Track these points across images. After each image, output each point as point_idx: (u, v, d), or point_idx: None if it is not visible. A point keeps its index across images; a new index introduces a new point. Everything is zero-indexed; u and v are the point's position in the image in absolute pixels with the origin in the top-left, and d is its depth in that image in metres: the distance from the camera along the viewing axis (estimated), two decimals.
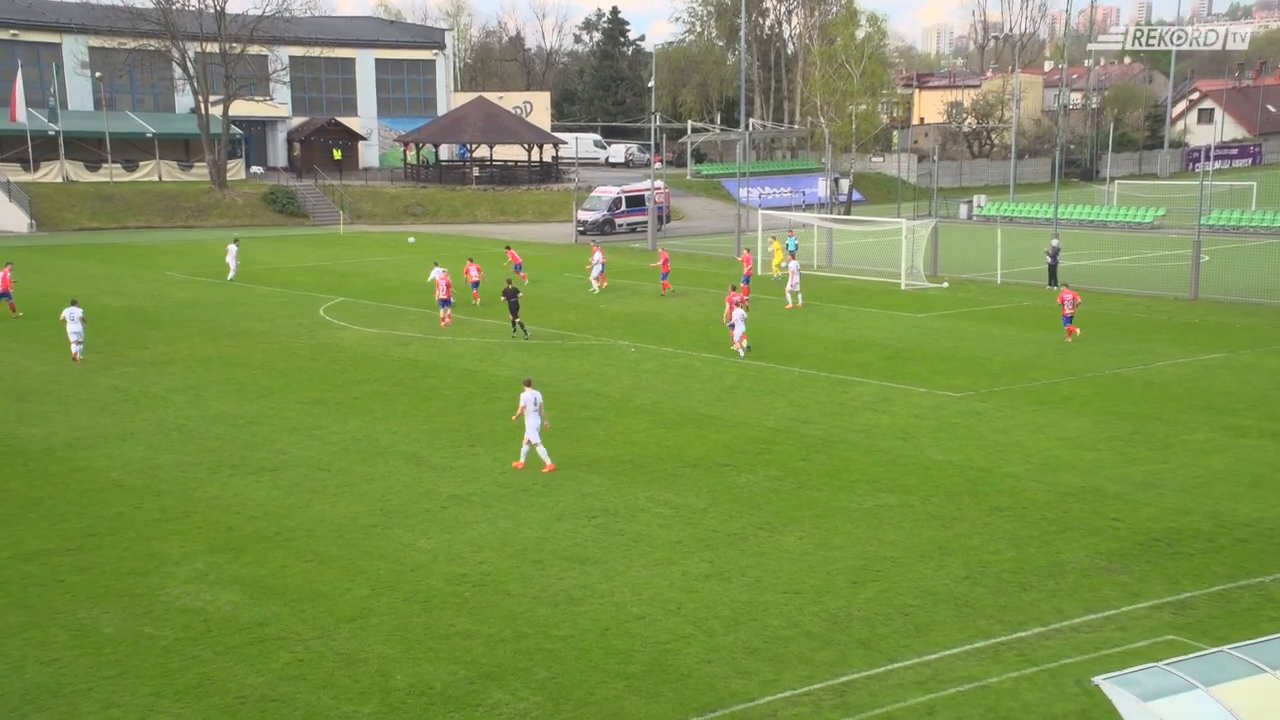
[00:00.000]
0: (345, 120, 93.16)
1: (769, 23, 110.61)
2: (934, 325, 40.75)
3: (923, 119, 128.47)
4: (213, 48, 77.27)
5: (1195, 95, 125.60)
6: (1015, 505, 21.98)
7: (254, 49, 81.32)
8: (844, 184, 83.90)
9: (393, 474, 24.08)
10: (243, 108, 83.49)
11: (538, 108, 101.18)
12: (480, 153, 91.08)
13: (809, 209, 74.86)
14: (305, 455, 25.38)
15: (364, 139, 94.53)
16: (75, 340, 34.92)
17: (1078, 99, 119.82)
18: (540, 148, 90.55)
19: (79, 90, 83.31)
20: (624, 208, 72.13)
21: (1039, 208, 76.94)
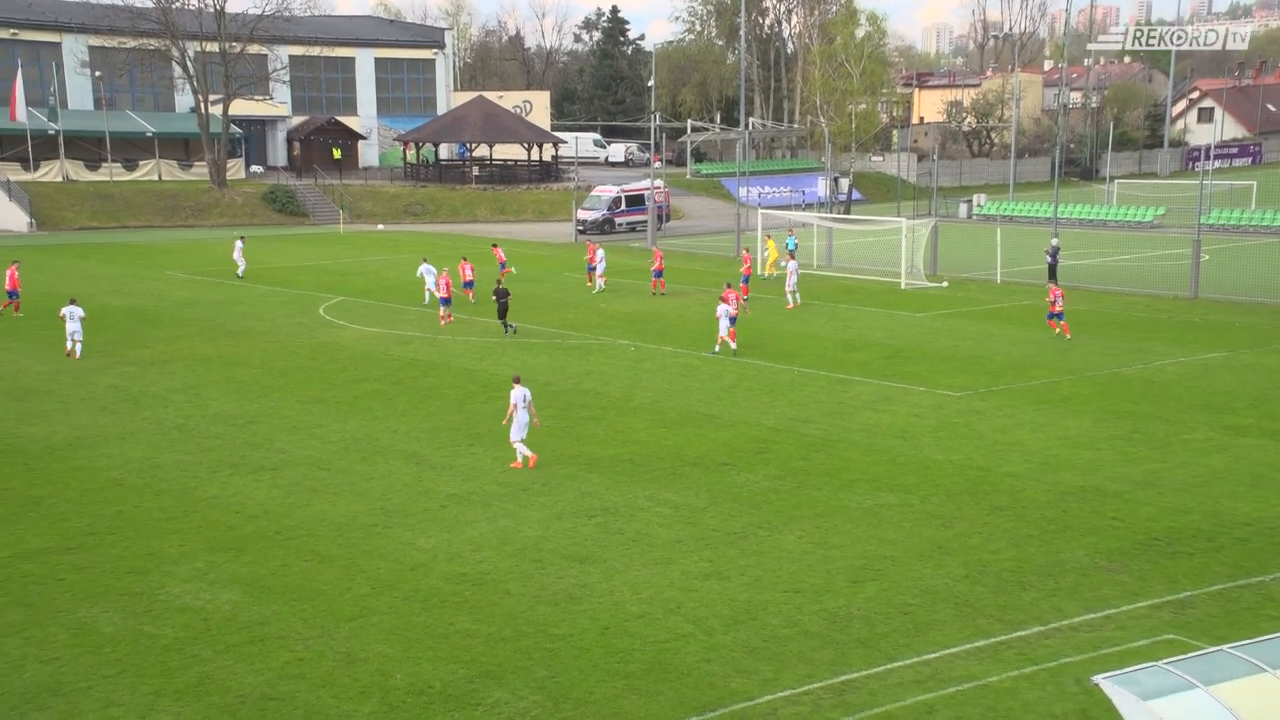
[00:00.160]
0: (345, 119, 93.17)
1: (769, 22, 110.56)
2: (934, 324, 40.75)
3: (922, 118, 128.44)
4: (212, 47, 77.28)
5: (1195, 94, 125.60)
6: (1015, 504, 21.98)
7: (254, 48, 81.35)
8: (844, 183, 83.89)
9: (392, 473, 24.09)
10: (242, 107, 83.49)
11: (537, 107, 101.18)
12: (480, 152, 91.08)
13: (809, 208, 74.87)
14: (305, 454, 25.39)
15: (364, 138, 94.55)
16: (73, 338, 35.14)
17: (1077, 98, 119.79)
18: (540, 147, 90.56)
19: (79, 89, 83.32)
20: (624, 207, 72.13)
21: (1039, 207, 76.94)
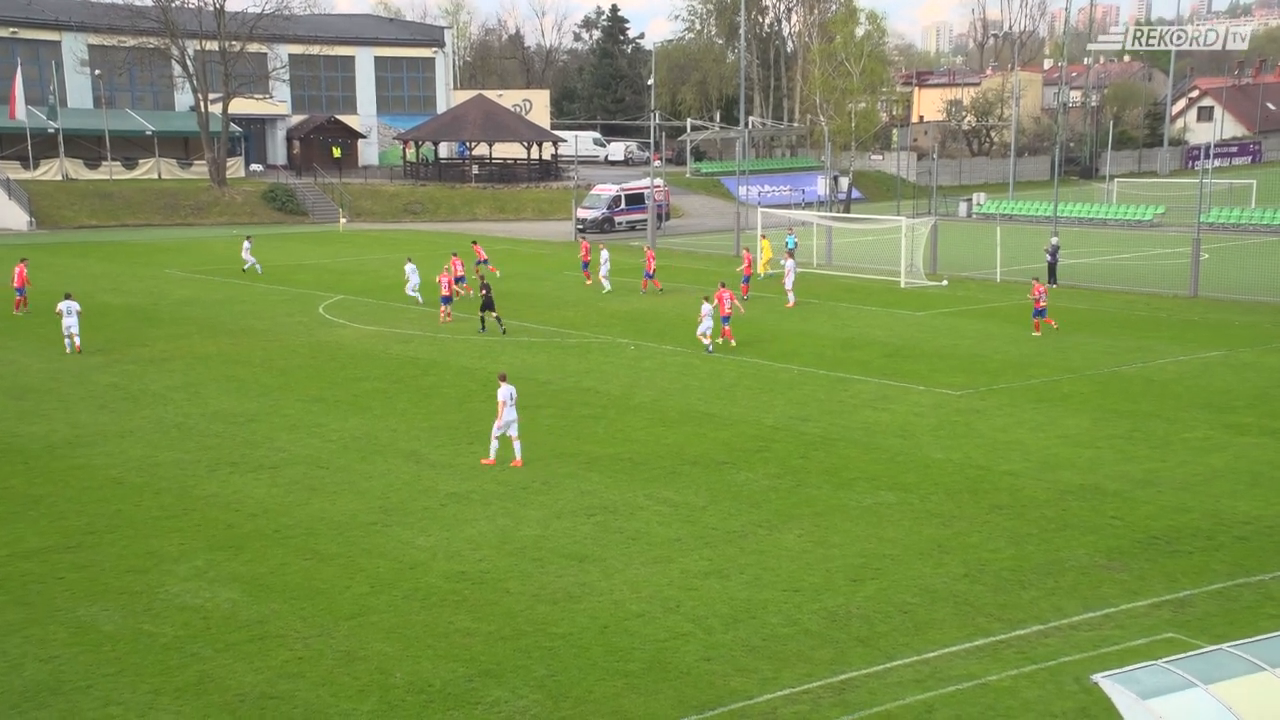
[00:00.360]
0: (344, 118, 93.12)
1: (768, 21, 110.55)
2: (933, 323, 40.75)
3: (922, 117, 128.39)
4: (212, 46, 77.23)
5: (1195, 93, 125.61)
6: (1014, 503, 21.98)
7: (253, 47, 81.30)
8: (843, 182, 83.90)
9: (392, 472, 24.09)
10: (242, 105, 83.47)
11: (537, 106, 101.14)
12: (479, 151, 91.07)
13: (808, 207, 74.89)
14: (304, 453, 25.39)
15: (363, 137, 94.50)
16: (69, 332, 35.36)
17: (1077, 97, 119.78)
18: (540, 146, 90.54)
19: (78, 88, 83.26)
20: (623, 206, 72.12)
21: (1038, 206, 76.96)
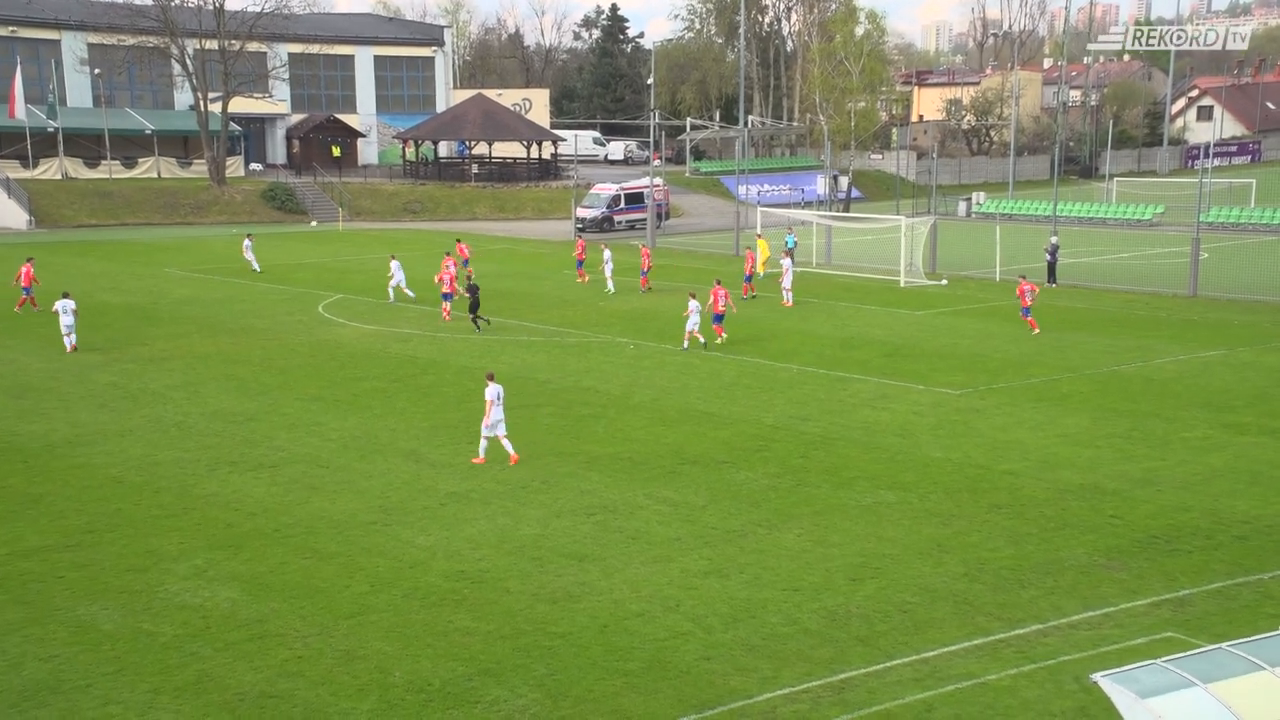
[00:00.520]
0: (344, 117, 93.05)
1: (768, 20, 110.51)
2: (933, 322, 40.75)
3: (922, 116, 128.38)
4: (212, 45, 77.17)
5: (1194, 92, 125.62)
6: (1014, 502, 21.98)
7: (253, 46, 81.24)
8: (843, 181, 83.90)
9: (391, 471, 24.09)
10: (242, 105, 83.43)
11: (537, 105, 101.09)
12: (479, 150, 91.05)
13: (808, 206, 74.88)
14: (304, 452, 25.38)
15: (363, 136, 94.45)
16: (67, 332, 35.37)
17: (1077, 96, 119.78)
18: (539, 145, 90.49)
19: (78, 87, 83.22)
20: (623, 205, 72.10)
21: (1038, 205, 76.96)
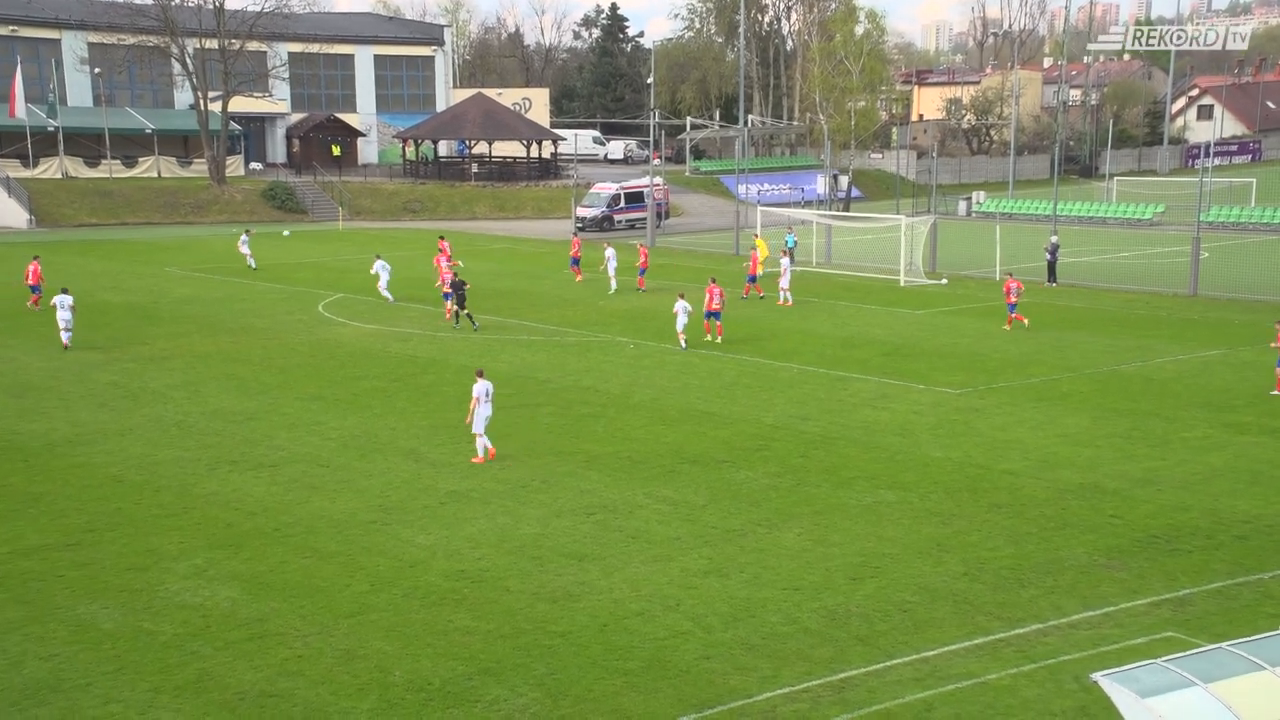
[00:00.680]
0: (344, 116, 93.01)
1: (768, 19, 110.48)
2: (933, 322, 40.75)
3: (922, 115, 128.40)
4: (212, 44, 77.17)
5: (1195, 91, 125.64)
6: (1014, 502, 21.99)
7: (253, 45, 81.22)
8: (843, 180, 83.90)
9: (391, 470, 24.09)
10: (242, 104, 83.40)
11: (537, 104, 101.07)
12: (479, 149, 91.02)
13: (808, 205, 74.88)
14: (304, 451, 25.38)
15: (363, 135, 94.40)
16: (65, 328, 35.43)
17: (1077, 95, 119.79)
18: (539, 144, 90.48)
19: (78, 86, 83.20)
20: (623, 204, 72.09)
21: (1038, 204, 76.96)
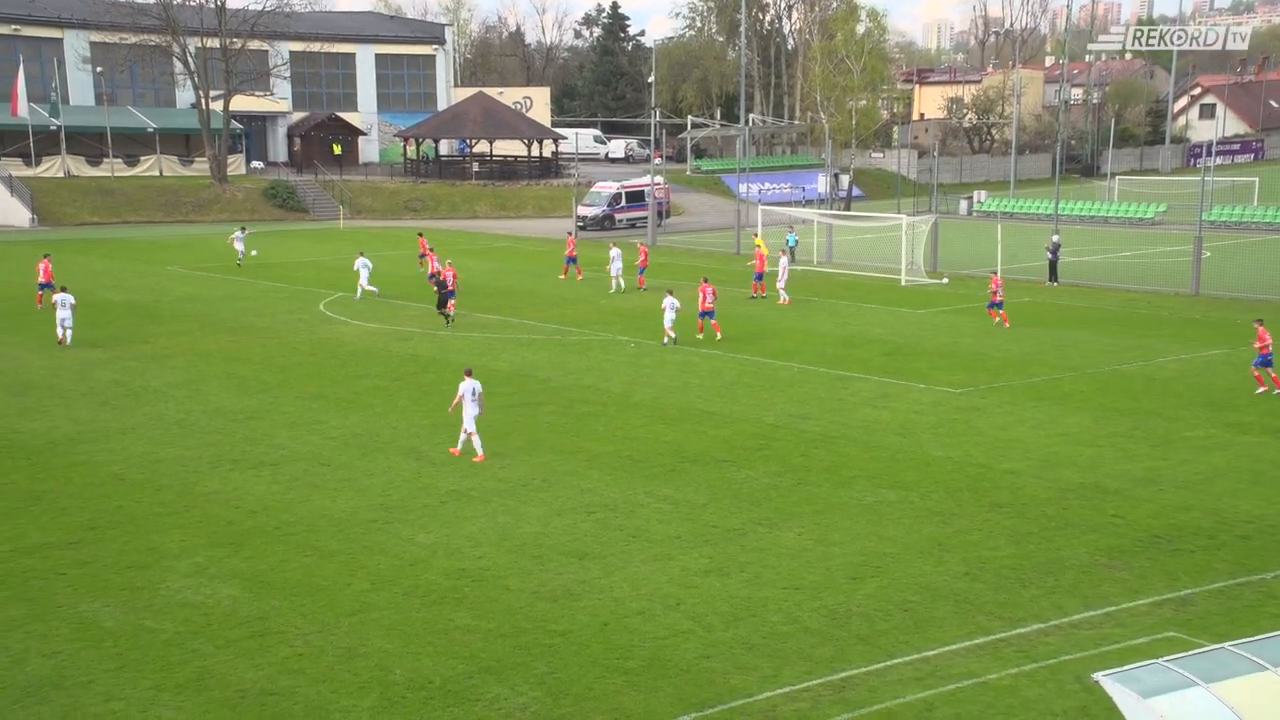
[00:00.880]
0: (345, 115, 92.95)
1: (769, 18, 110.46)
2: (934, 321, 40.74)
3: (923, 114, 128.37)
4: (213, 43, 77.23)
5: (1197, 90, 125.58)
6: (1015, 502, 21.98)
7: (254, 44, 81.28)
8: (844, 179, 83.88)
9: (392, 469, 24.09)
10: (243, 103, 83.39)
11: (538, 103, 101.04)
12: (480, 148, 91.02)
13: (809, 205, 74.87)
14: (305, 450, 25.39)
15: (364, 134, 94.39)
16: (63, 325, 35.59)
17: (1078, 94, 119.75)
18: (540, 143, 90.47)
19: (80, 85, 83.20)
20: (624, 203, 72.07)
21: (1040, 204, 76.93)
